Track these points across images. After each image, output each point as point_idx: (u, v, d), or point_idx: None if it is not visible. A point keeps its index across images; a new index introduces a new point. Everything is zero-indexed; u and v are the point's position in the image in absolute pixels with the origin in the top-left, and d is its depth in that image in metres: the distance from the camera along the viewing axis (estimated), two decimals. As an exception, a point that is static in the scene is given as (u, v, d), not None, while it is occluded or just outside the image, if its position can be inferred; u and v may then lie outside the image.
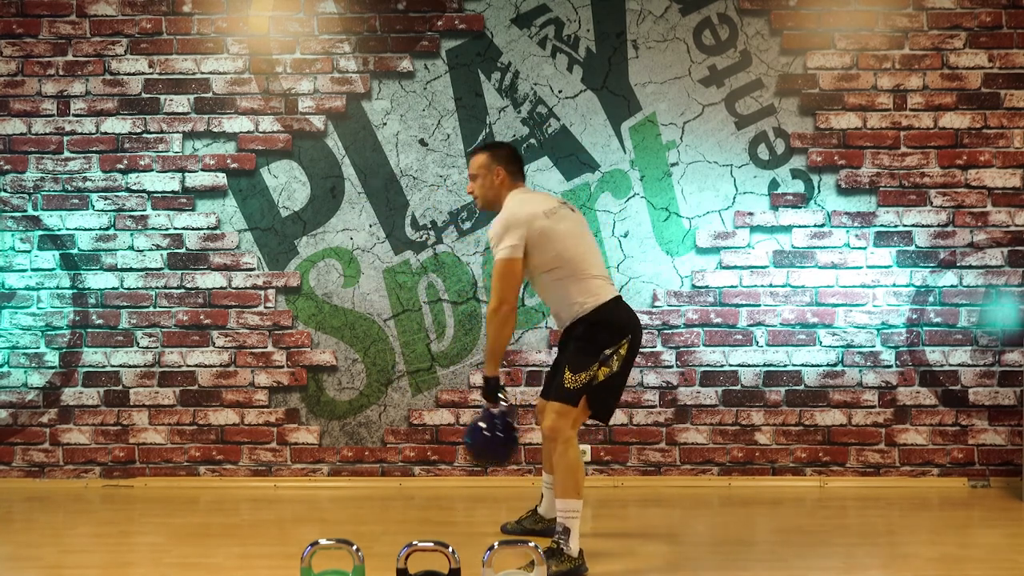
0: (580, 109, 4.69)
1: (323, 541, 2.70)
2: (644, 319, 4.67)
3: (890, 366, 4.69)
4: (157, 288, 4.76)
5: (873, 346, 4.69)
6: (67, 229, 4.76)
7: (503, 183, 3.62)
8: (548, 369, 3.84)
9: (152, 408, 4.76)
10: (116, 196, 4.76)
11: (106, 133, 4.75)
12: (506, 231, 3.45)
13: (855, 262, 4.69)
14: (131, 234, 4.76)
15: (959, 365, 4.68)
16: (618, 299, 3.52)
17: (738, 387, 4.71)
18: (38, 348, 4.76)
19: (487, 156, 3.64)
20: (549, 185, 4.67)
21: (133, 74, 4.74)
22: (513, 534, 3.86)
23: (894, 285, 4.68)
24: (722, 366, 4.71)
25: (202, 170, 4.75)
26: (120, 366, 4.76)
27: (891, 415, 4.69)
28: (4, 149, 4.77)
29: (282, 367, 4.75)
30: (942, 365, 4.69)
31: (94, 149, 4.76)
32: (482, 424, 3.57)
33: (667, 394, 4.71)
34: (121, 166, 4.75)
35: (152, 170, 4.76)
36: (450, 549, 2.64)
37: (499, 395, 3.59)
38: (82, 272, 4.76)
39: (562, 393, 3.41)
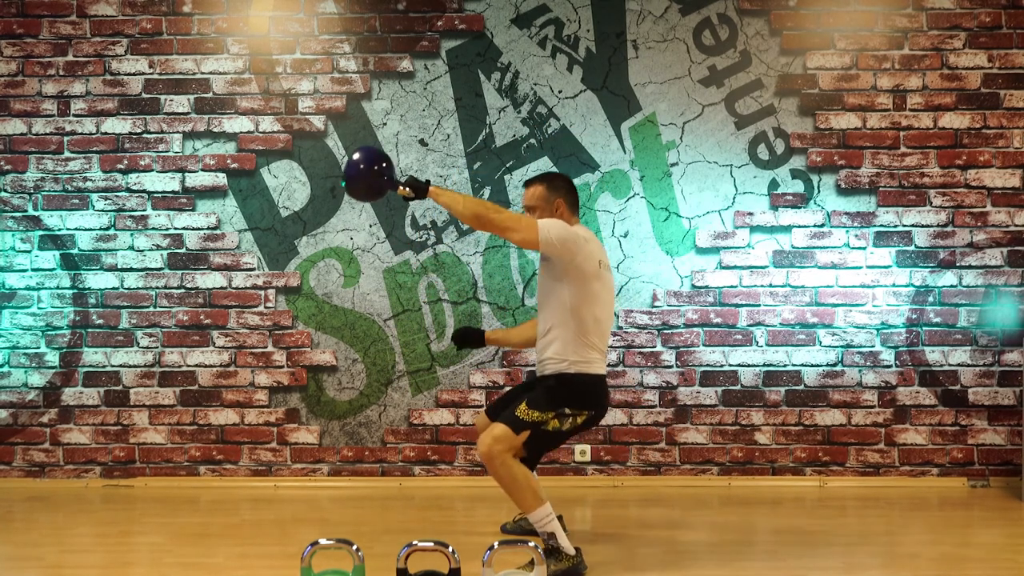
0: (580, 109, 4.69)
1: (323, 541, 2.70)
2: (644, 319, 4.68)
3: (890, 366, 4.69)
4: (157, 288, 4.76)
5: (873, 346, 4.69)
6: (67, 229, 4.76)
7: (562, 216, 3.46)
8: (506, 391, 3.83)
9: (152, 408, 4.76)
10: (116, 196, 4.76)
11: (106, 133, 4.76)
12: (563, 233, 3.28)
13: (855, 262, 4.69)
14: (131, 234, 4.76)
15: (959, 365, 4.69)
16: (603, 378, 3.47)
17: (738, 387, 4.71)
18: (38, 348, 4.77)
19: (545, 188, 3.48)
20: (549, 185, 4.67)
21: (133, 74, 4.74)
22: (513, 534, 3.86)
23: (894, 285, 4.69)
24: (722, 366, 4.71)
25: (202, 170, 4.75)
26: (120, 366, 4.76)
27: (891, 415, 4.69)
28: (4, 149, 4.77)
29: (282, 367, 4.75)
30: (942, 365, 4.69)
31: (94, 149, 4.76)
32: (356, 156, 3.36)
33: (667, 394, 4.72)
34: (121, 166, 4.76)
35: (152, 170, 4.76)
36: (450, 549, 2.64)
37: (412, 192, 3.33)
38: (82, 272, 4.76)
39: (511, 419, 3.33)
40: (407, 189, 3.34)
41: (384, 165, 3.38)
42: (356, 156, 3.39)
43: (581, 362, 3.39)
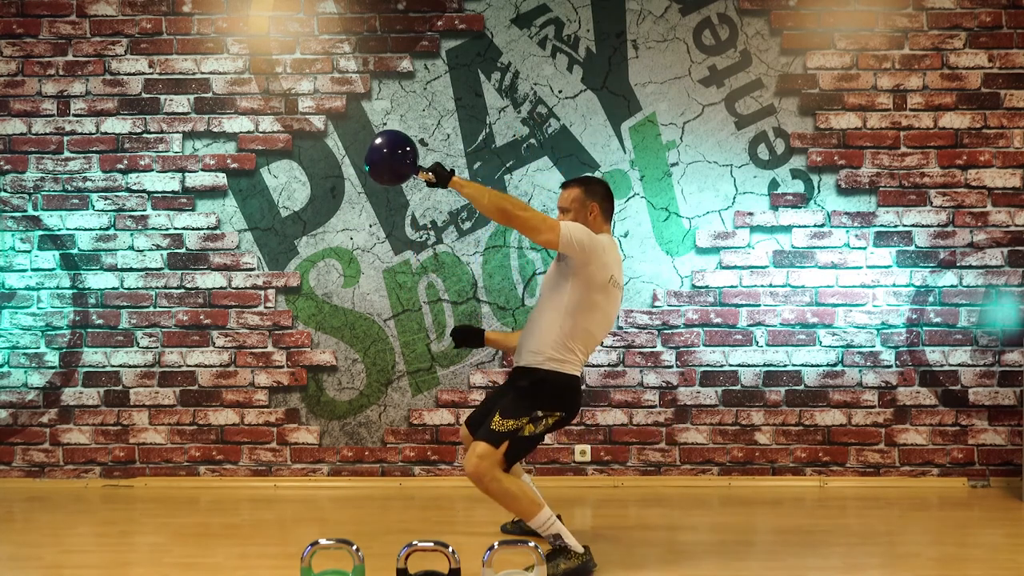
0: (580, 109, 4.69)
1: (323, 541, 2.70)
2: (644, 319, 4.68)
3: (890, 366, 4.69)
4: (157, 288, 4.76)
5: (873, 346, 4.69)
6: (67, 229, 4.76)
7: (595, 220, 3.46)
8: (481, 400, 3.82)
9: (152, 408, 4.76)
10: (116, 196, 4.76)
11: (106, 133, 4.76)
12: (586, 238, 3.27)
13: (855, 262, 4.69)
14: (131, 234, 4.76)
15: (959, 365, 4.68)
16: (577, 379, 3.47)
17: (738, 387, 4.71)
18: (38, 348, 4.76)
19: (582, 191, 3.47)
20: (549, 185, 4.67)
21: (133, 74, 4.74)
22: (513, 534, 3.86)
23: (894, 285, 4.68)
24: (722, 366, 4.71)
25: (202, 170, 4.75)
26: (120, 366, 4.76)
27: (891, 415, 4.69)
28: (4, 149, 4.77)
29: (282, 367, 4.75)
30: (942, 365, 4.69)
31: (94, 149, 4.76)
32: (379, 141, 3.35)
33: (667, 394, 4.71)
34: (121, 166, 4.75)
35: (152, 170, 4.76)
36: (450, 549, 2.64)
37: (435, 178, 3.31)
38: (82, 272, 4.76)
39: (488, 435, 3.34)
40: (430, 174, 3.32)
41: (408, 149, 3.36)
42: (379, 140, 3.36)
43: (557, 360, 3.39)
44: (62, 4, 4.74)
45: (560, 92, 4.69)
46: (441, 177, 3.32)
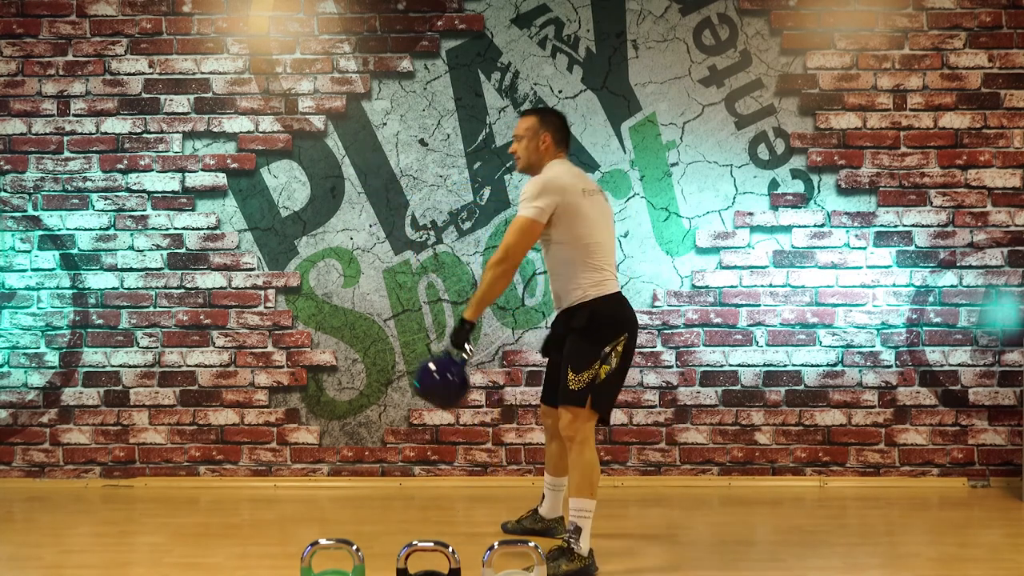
0: (580, 109, 4.69)
1: (323, 541, 2.70)
2: (644, 319, 4.67)
3: (890, 366, 4.69)
4: (157, 288, 4.76)
5: (873, 346, 4.69)
6: (67, 229, 4.76)
7: (547, 149, 3.59)
8: (546, 369, 3.82)
9: (152, 408, 4.76)
10: (116, 196, 4.76)
11: (106, 133, 4.76)
12: (540, 193, 3.42)
13: (855, 262, 4.69)
14: (131, 234, 4.76)
15: (959, 365, 4.68)
16: (619, 295, 3.53)
17: (738, 387, 4.71)
18: (38, 348, 4.76)
19: (536, 119, 3.61)
20: (549, 185, 4.66)
21: (133, 74, 4.74)
22: (513, 533, 3.86)
23: (894, 285, 4.69)
24: (722, 366, 4.71)
25: (202, 170, 4.75)
26: (120, 366, 4.76)
27: (891, 415, 4.69)
28: (4, 149, 4.77)
29: (282, 367, 4.75)
30: (942, 365, 4.69)
31: (94, 149, 4.76)
32: (432, 366, 3.49)
33: (667, 394, 4.72)
34: (121, 166, 4.75)
35: (152, 170, 4.76)
36: (450, 549, 2.64)
37: (467, 344, 3.49)
38: (82, 272, 4.76)
39: (569, 396, 3.40)
40: (466, 348, 3.49)
41: (450, 377, 3.48)
42: (430, 382, 3.50)
43: (595, 287, 3.45)
44: (62, 4, 4.74)
45: (560, 92, 4.69)
46: (463, 334, 3.48)
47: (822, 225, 4.69)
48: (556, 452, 3.74)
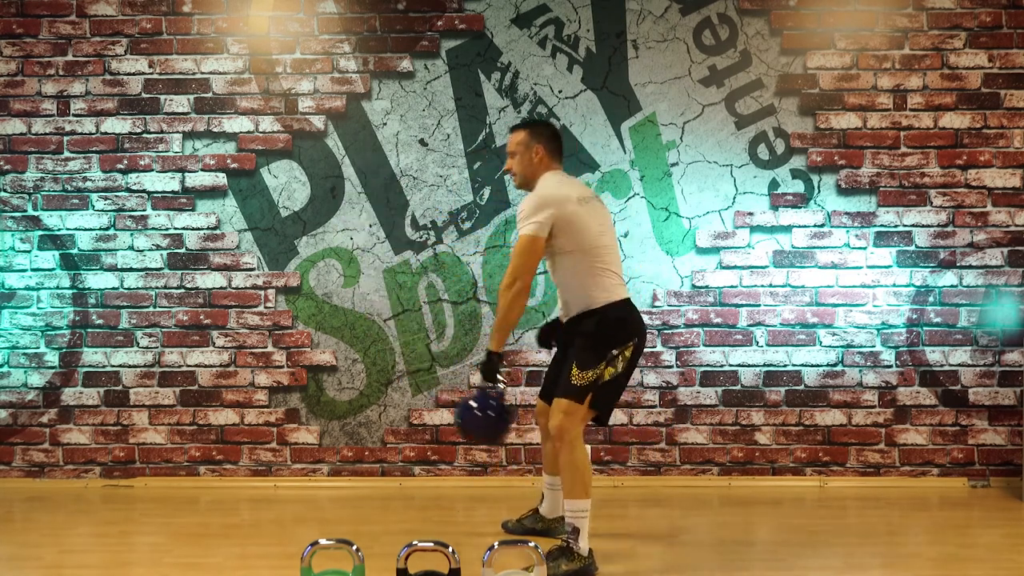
0: (580, 109, 4.69)
1: (323, 541, 2.70)
2: (644, 319, 4.66)
3: (890, 366, 4.69)
4: (157, 288, 4.76)
5: (873, 346, 4.68)
6: (67, 229, 4.76)
7: (541, 162, 3.59)
8: (547, 368, 3.83)
9: (152, 408, 4.76)
10: (116, 196, 4.76)
11: (106, 133, 4.76)
12: (536, 208, 3.42)
13: (855, 262, 4.69)
14: (131, 234, 4.76)
15: (959, 365, 4.68)
16: (629, 301, 3.53)
17: (738, 387, 4.71)
18: (38, 348, 4.76)
19: (526, 134, 3.61)
20: (549, 185, 4.66)
21: (133, 74, 4.74)
22: (514, 533, 3.86)
23: (894, 285, 4.68)
24: (722, 366, 4.71)
25: (202, 170, 4.75)
26: (120, 366, 4.76)
27: (891, 415, 4.69)
28: (4, 149, 4.77)
29: (282, 367, 4.75)
30: (942, 365, 4.69)
31: (94, 149, 4.76)
32: (473, 403, 3.52)
33: (667, 394, 4.71)
34: (121, 166, 4.75)
35: (152, 170, 4.76)
36: (450, 549, 2.64)
37: (498, 374, 3.52)
38: (82, 272, 4.76)
39: (570, 390, 3.39)
40: (499, 379, 3.52)
41: (491, 413, 3.51)
42: (471, 420, 3.54)
43: (603, 292, 3.45)
44: (62, 4, 4.73)
45: (560, 92, 4.69)
46: (490, 363, 3.51)
47: (822, 225, 4.69)
48: (552, 451, 3.74)
